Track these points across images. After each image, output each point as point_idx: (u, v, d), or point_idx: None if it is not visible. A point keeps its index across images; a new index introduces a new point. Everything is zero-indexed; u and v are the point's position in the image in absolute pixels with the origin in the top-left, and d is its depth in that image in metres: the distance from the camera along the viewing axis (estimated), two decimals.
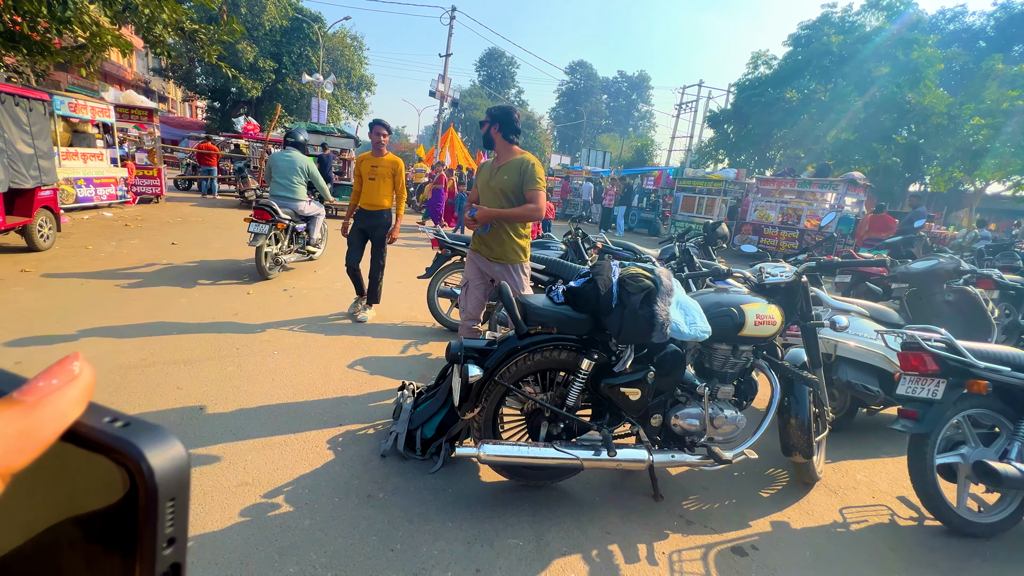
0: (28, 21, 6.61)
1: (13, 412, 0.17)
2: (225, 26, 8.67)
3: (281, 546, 1.83)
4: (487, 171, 2.86)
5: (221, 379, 3.06)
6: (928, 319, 3.45)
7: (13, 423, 0.17)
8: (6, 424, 0.17)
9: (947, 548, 2.23)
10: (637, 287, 2.03)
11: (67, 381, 0.19)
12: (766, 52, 20.70)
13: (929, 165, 16.15)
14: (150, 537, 0.19)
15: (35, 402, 0.18)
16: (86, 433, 0.19)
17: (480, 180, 2.91)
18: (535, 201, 2.71)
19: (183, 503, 0.20)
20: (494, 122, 2.77)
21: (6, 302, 3.99)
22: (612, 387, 2.10)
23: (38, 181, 5.61)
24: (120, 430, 0.19)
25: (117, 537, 0.19)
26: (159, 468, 0.19)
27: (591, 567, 1.90)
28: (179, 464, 0.19)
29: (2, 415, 0.17)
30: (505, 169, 2.75)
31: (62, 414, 0.18)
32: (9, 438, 0.17)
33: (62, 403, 0.18)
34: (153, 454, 0.19)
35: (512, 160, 2.76)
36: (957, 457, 2.30)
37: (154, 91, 26.06)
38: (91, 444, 0.19)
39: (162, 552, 0.19)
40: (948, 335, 2.34)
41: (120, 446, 0.19)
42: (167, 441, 0.19)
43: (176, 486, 0.19)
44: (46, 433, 0.18)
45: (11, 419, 0.17)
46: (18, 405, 0.18)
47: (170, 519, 0.19)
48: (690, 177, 15.05)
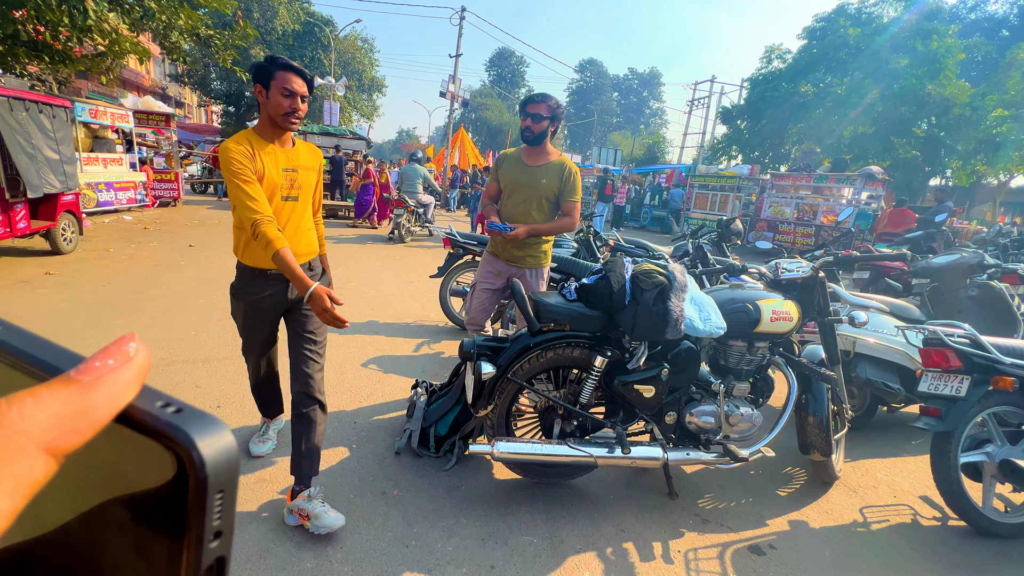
0: (50, 30, 6.79)
1: (70, 391, 0.17)
2: (239, 31, 8.80)
3: (298, 541, 1.85)
4: (519, 167, 2.58)
5: (238, 378, 3.10)
6: (951, 315, 3.37)
7: (70, 403, 0.17)
8: (63, 404, 0.17)
9: (972, 549, 2.17)
10: (650, 283, 2.01)
11: (123, 362, 0.19)
12: (780, 46, 20.35)
13: (950, 158, 15.74)
14: (198, 528, 0.18)
15: (92, 382, 0.18)
16: (139, 416, 0.19)
17: (510, 176, 2.59)
18: (572, 214, 2.55)
19: (231, 496, 0.19)
20: (554, 120, 2.49)
21: (32, 304, 4.10)
22: (626, 384, 2.09)
23: (64, 186, 5.77)
24: (172, 416, 0.19)
25: (165, 524, 0.18)
26: (210, 458, 0.18)
27: (606, 565, 1.90)
28: (230, 455, 0.19)
29: (60, 394, 0.17)
30: (545, 171, 2.52)
31: (117, 396, 0.18)
32: (65, 418, 0.17)
33: (117, 385, 0.18)
34: (205, 443, 0.18)
35: (552, 162, 2.54)
36: (982, 456, 2.24)
37: (171, 97, 26.58)
38: (143, 428, 0.18)
39: (209, 544, 0.19)
40: (972, 331, 2.28)
41: (172, 432, 0.18)
42: (219, 430, 0.19)
43: (226, 478, 0.19)
44: (101, 414, 0.17)
45: (68, 399, 0.17)
46: (75, 384, 0.17)
47: (218, 512, 0.19)
48: (703, 174, 14.88)
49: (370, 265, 6.86)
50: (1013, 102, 13.64)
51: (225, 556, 0.19)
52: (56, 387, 0.17)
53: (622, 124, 55.06)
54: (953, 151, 15.21)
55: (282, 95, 1.75)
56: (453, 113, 22.01)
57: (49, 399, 0.17)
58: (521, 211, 2.55)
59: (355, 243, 8.64)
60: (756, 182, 13.65)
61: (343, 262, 6.81)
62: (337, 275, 6.05)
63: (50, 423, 0.16)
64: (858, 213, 10.41)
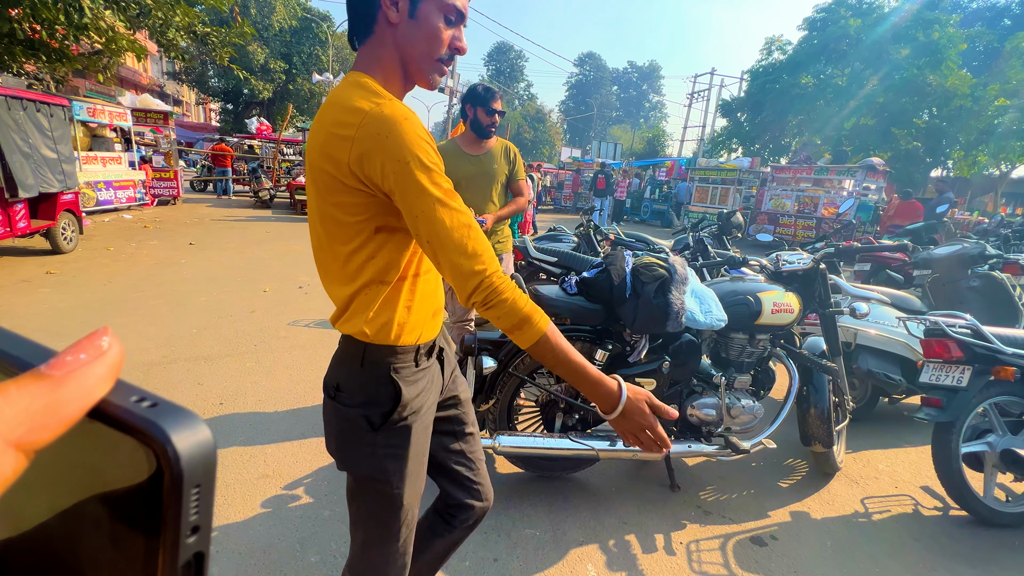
0: (47, 28, 6.76)
1: (40, 386, 0.17)
2: (237, 28, 8.77)
3: (302, 536, 1.86)
4: (464, 159, 2.55)
5: (240, 375, 3.11)
6: (952, 306, 3.36)
7: (40, 398, 0.17)
8: (32, 399, 0.16)
9: (973, 538, 2.18)
10: (651, 276, 2.01)
11: (95, 356, 0.18)
12: (780, 37, 20.23)
13: (951, 149, 15.68)
14: (174, 524, 0.18)
15: (62, 377, 0.17)
16: (112, 411, 0.18)
17: (459, 170, 2.50)
18: (523, 192, 2.64)
19: (208, 491, 0.19)
20: (497, 109, 2.50)
21: (33, 303, 4.11)
22: (627, 377, 2.08)
23: (63, 185, 5.76)
24: (147, 411, 0.18)
25: (141, 519, 0.18)
26: (185, 453, 0.18)
27: (608, 557, 1.91)
28: (206, 450, 0.19)
29: (29, 389, 0.17)
30: (492, 157, 2.57)
31: (89, 390, 0.18)
32: (35, 414, 0.16)
33: (89, 379, 0.18)
34: (180, 438, 0.18)
35: (493, 147, 2.59)
36: (983, 446, 2.25)
37: (169, 95, 26.51)
38: (117, 423, 0.18)
39: (186, 540, 0.18)
40: (974, 321, 2.28)
41: (146, 427, 0.18)
42: (194, 425, 0.19)
43: (202, 472, 0.18)
44: (72, 409, 0.17)
45: (38, 394, 0.17)
46: (45, 379, 0.17)
47: (195, 506, 0.18)
48: (703, 167, 14.83)
49: None
50: (1015, 92, 13.56)
51: (203, 552, 0.19)
52: (25, 382, 0.17)
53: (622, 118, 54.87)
54: (954, 142, 15.14)
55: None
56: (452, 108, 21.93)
57: (18, 394, 0.16)
58: (479, 200, 2.56)
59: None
60: (756, 175, 13.61)
61: None
62: None
63: (19, 419, 0.16)
64: (859, 205, 10.38)
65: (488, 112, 2.49)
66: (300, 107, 25.99)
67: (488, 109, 2.49)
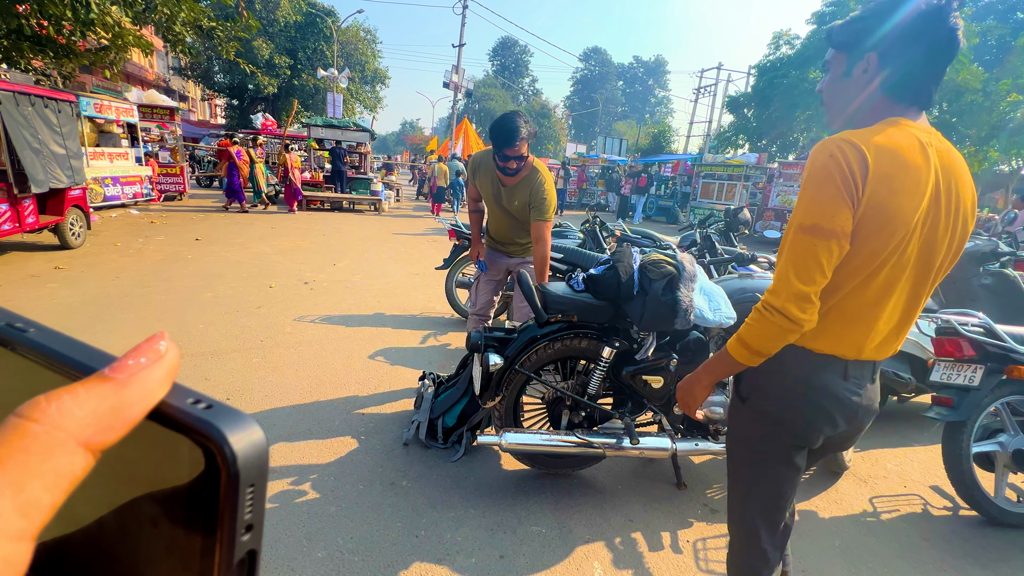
0: (54, 24, 6.79)
1: (105, 388, 0.18)
2: (242, 23, 8.76)
3: (309, 531, 1.87)
4: (496, 185, 2.46)
5: (247, 370, 3.13)
6: (963, 303, 3.32)
7: (105, 400, 0.17)
8: (99, 401, 0.17)
9: (984, 539, 2.16)
10: (659, 273, 1.99)
11: (154, 360, 0.19)
12: (788, 31, 20.02)
13: (962, 144, 15.47)
14: (230, 522, 0.19)
15: (125, 379, 0.18)
16: (170, 413, 0.19)
17: (488, 190, 2.50)
18: (540, 237, 2.40)
19: (261, 490, 0.19)
20: (511, 156, 2.24)
21: (42, 298, 4.14)
22: (634, 375, 2.08)
23: (71, 180, 5.79)
24: (204, 412, 0.19)
25: (197, 519, 0.19)
26: (241, 453, 0.18)
27: (614, 554, 1.90)
28: (259, 451, 0.19)
29: (95, 391, 0.17)
30: (516, 191, 2.43)
31: (150, 392, 0.18)
32: (102, 415, 0.17)
33: (150, 382, 0.19)
34: (236, 439, 0.18)
35: (524, 177, 2.41)
36: (995, 445, 2.22)
37: (174, 90, 26.57)
38: (175, 424, 0.19)
39: (241, 538, 0.19)
40: (986, 319, 2.25)
41: (204, 428, 0.18)
42: (249, 427, 0.19)
43: (256, 473, 0.19)
44: (135, 411, 0.18)
45: (104, 395, 0.17)
46: (109, 382, 0.18)
47: (249, 506, 0.19)
48: (710, 163, 14.72)
49: (376, 257, 6.87)
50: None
51: (256, 549, 0.20)
52: (92, 384, 0.18)
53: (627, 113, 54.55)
54: (965, 137, 14.95)
55: None
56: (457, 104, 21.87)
57: (86, 396, 0.17)
58: (506, 236, 2.63)
59: (363, 234, 8.63)
60: (763, 171, 13.49)
61: (348, 254, 6.82)
62: (343, 267, 6.08)
63: (87, 419, 0.17)
64: None
65: (502, 158, 2.29)
66: (305, 102, 25.97)
67: (501, 155, 2.28)
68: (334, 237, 8.15)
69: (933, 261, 1.02)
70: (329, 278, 5.49)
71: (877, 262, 0.97)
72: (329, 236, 8.20)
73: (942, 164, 0.98)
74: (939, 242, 1.00)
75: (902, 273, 1.00)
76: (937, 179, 0.96)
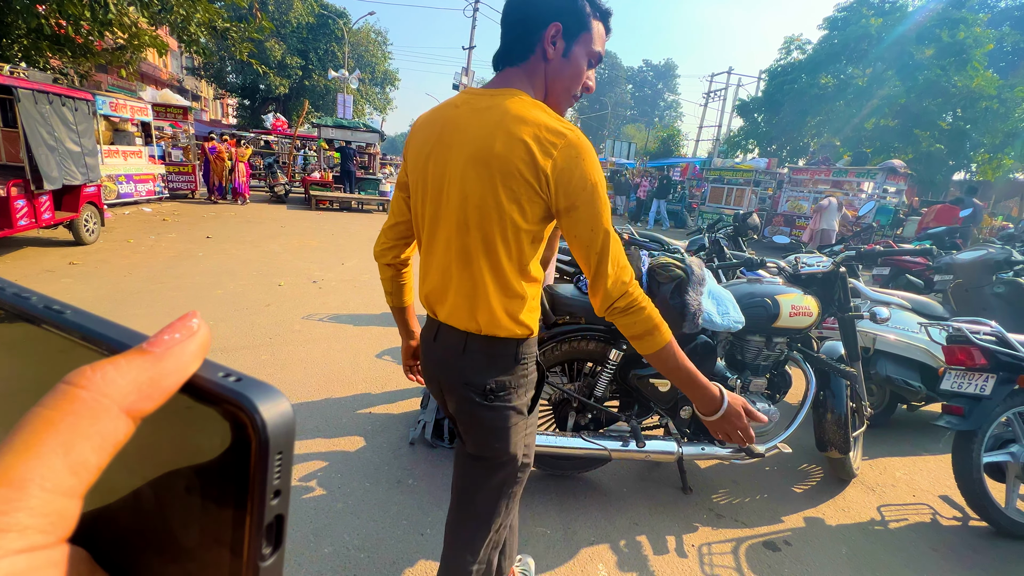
0: (72, 24, 6.91)
1: (144, 360, 0.19)
2: (255, 24, 8.87)
3: (316, 527, 1.88)
4: None
5: (255, 367, 3.16)
6: (975, 312, 3.29)
7: (145, 371, 0.19)
8: (139, 371, 0.18)
9: (993, 550, 2.13)
10: (668, 277, 1.99)
11: (188, 336, 0.20)
12: (799, 36, 19.92)
13: (976, 152, 15.28)
14: (260, 488, 0.19)
15: (162, 353, 0.19)
16: (203, 385, 0.20)
17: None
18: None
19: (288, 457, 0.20)
20: None
21: (57, 293, 4.21)
22: (641, 378, 2.08)
23: (86, 178, 5.89)
24: (235, 384, 0.20)
25: (227, 486, 0.20)
26: (271, 422, 0.19)
27: (619, 557, 1.90)
28: (287, 419, 0.20)
29: (135, 363, 0.19)
30: None
31: (185, 365, 0.20)
32: (142, 384, 0.18)
33: (185, 355, 0.20)
34: (266, 408, 0.19)
35: None
36: (1006, 456, 2.20)
37: (187, 90, 26.89)
38: (207, 396, 0.20)
39: (270, 503, 0.20)
40: (999, 328, 2.22)
41: (236, 399, 0.19)
42: (277, 397, 0.20)
43: (284, 440, 0.20)
44: (171, 382, 0.19)
45: (143, 367, 0.19)
46: (147, 354, 0.19)
47: (277, 472, 0.20)
48: (719, 168, 14.66)
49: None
50: None
51: (283, 514, 0.21)
52: (132, 357, 0.19)
53: (636, 117, 54.45)
54: (979, 144, 14.77)
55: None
56: None
57: (127, 367, 0.18)
58: None
59: (372, 234, 8.69)
60: (773, 176, 13.42)
61: (356, 253, 6.87)
62: (351, 266, 6.12)
63: (129, 388, 0.18)
64: (879, 208, 10.18)
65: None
66: (315, 103, 26.19)
67: None
68: (343, 236, 8.21)
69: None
70: (337, 277, 5.53)
71: None
72: (338, 235, 8.25)
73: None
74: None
75: None
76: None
